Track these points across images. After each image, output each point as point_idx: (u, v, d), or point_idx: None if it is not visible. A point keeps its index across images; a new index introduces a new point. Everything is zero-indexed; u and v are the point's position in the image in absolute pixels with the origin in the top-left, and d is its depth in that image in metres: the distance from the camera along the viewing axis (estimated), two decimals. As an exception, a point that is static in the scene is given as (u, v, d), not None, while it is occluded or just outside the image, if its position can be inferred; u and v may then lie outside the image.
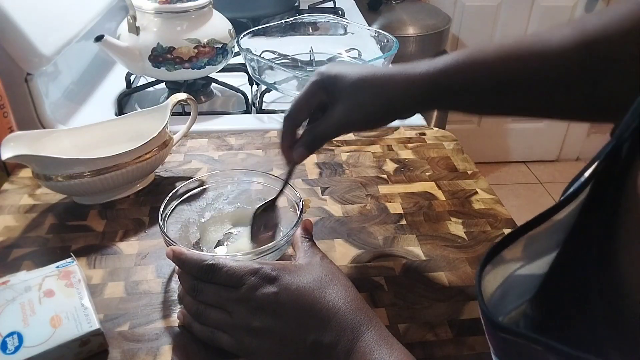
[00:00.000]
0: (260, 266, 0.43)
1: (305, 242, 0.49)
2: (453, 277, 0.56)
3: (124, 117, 0.72)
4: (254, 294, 0.42)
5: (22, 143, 0.59)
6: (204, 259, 0.45)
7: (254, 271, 0.43)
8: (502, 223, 0.64)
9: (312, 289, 0.43)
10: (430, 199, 0.68)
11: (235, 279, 0.43)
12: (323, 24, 1.10)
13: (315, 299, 0.42)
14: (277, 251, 0.52)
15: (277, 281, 0.43)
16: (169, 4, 0.85)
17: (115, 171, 0.62)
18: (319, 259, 0.46)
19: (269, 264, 0.44)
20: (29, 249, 0.58)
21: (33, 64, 0.77)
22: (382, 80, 0.48)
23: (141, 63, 0.86)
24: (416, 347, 0.48)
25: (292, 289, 0.42)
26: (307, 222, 0.51)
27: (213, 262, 0.44)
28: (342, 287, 0.44)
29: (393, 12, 1.76)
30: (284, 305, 0.42)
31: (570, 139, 2.46)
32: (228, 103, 0.98)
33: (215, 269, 0.44)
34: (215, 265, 0.44)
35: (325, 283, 0.43)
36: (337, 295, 0.42)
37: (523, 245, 0.31)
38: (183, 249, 0.46)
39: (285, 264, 0.45)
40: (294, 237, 0.50)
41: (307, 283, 0.43)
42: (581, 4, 2.03)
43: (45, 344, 0.43)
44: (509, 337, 0.26)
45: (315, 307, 0.42)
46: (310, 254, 0.47)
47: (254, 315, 0.42)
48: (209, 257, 0.45)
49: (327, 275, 0.44)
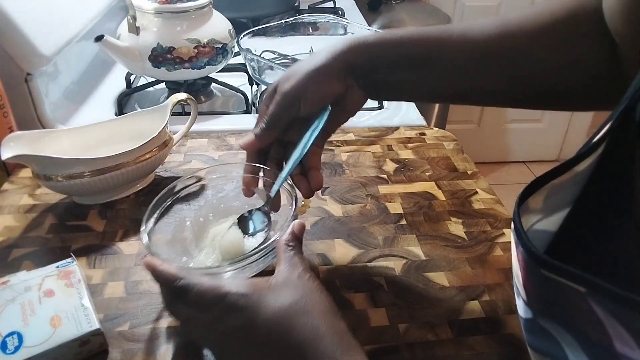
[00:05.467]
0: (228, 290, 0.38)
1: (288, 252, 0.42)
2: (453, 277, 0.56)
3: (124, 117, 0.72)
4: (221, 322, 0.38)
5: (22, 143, 0.59)
6: (175, 278, 0.40)
7: (222, 296, 0.38)
8: (502, 223, 0.64)
9: (283, 318, 0.37)
10: (430, 199, 0.68)
11: (204, 303, 0.39)
12: (323, 24, 1.10)
13: (287, 330, 0.37)
14: (260, 262, 0.47)
15: (244, 310, 0.38)
16: (169, 4, 0.86)
17: (115, 171, 0.62)
18: (297, 277, 0.40)
19: (240, 285, 0.39)
20: (29, 249, 0.58)
21: (33, 64, 0.77)
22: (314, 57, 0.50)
23: (141, 63, 0.86)
24: (416, 347, 0.48)
25: (261, 319, 0.37)
26: (297, 226, 0.45)
27: (182, 284, 0.40)
28: (318, 313, 0.38)
29: (393, 12, 1.75)
30: (252, 335, 0.38)
31: (571, 139, 2.46)
32: (228, 103, 0.98)
33: (184, 291, 0.40)
34: (185, 287, 0.40)
35: (299, 309, 0.38)
36: (313, 325, 0.37)
37: (545, 196, 0.30)
38: (155, 262, 0.42)
39: (258, 285, 0.39)
40: (278, 244, 0.44)
41: (278, 310, 0.37)
42: (581, 4, 2.03)
43: (45, 343, 0.43)
44: (552, 275, 0.25)
45: (288, 339, 0.37)
46: (289, 268, 0.41)
47: (222, 342, 0.39)
48: (180, 276, 0.40)
49: (303, 298, 0.38)
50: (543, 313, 0.28)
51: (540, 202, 0.31)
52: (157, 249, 0.48)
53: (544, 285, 0.26)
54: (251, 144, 0.51)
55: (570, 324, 0.26)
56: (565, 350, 0.27)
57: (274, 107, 0.49)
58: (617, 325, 0.23)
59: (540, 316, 0.28)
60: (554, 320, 0.27)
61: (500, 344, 0.48)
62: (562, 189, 0.31)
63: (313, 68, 0.48)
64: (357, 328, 0.50)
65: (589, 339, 0.25)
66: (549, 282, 0.25)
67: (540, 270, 0.26)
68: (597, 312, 0.23)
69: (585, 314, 0.24)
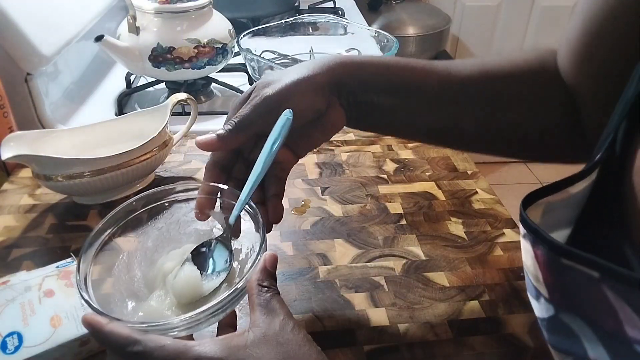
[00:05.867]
0: (198, 354, 0.32)
1: (262, 295, 0.36)
2: (453, 277, 0.56)
3: (124, 117, 0.72)
4: None
5: (22, 143, 0.59)
6: (128, 342, 0.33)
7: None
8: (502, 223, 0.64)
9: None
10: (430, 199, 0.68)
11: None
12: (323, 24, 1.10)
13: None
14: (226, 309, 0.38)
15: None
16: (169, 4, 0.86)
17: (115, 171, 0.62)
18: (278, 329, 0.34)
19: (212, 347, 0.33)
20: (29, 249, 0.58)
21: (33, 64, 0.77)
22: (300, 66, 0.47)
23: (141, 63, 0.86)
24: (416, 347, 0.48)
25: None
26: (269, 260, 0.38)
27: (138, 349, 0.33)
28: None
29: (393, 12, 1.75)
30: None
31: (570, 139, 2.46)
32: (228, 103, 0.98)
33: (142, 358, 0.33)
34: (142, 354, 0.33)
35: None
36: None
37: (542, 211, 0.31)
38: (99, 321, 0.34)
39: (232, 343, 0.33)
40: (249, 285, 0.37)
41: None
42: (581, 4, 2.03)
43: (45, 343, 0.43)
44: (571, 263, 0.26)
45: None
46: (267, 318, 0.35)
47: None
48: (134, 339, 0.33)
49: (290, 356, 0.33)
50: (564, 307, 0.29)
51: (539, 217, 0.31)
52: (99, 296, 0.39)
53: (564, 276, 0.27)
54: (211, 144, 0.43)
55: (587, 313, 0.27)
56: (585, 345, 0.28)
57: (250, 109, 0.43)
58: (626, 307, 0.24)
59: (561, 311, 0.29)
60: (574, 312, 0.28)
61: (500, 344, 0.48)
62: (557, 207, 0.32)
63: (300, 77, 0.44)
64: (357, 328, 0.50)
65: (603, 327, 0.27)
66: (569, 271, 0.27)
67: (561, 260, 0.27)
68: (609, 297, 0.25)
69: (599, 302, 0.26)
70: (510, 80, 0.47)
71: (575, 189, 0.31)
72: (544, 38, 2.07)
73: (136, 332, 0.34)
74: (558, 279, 0.29)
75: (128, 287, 0.43)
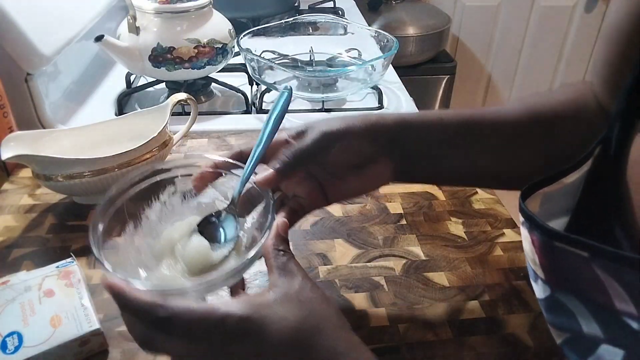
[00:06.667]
0: (225, 313, 0.33)
1: (280, 258, 0.37)
2: (453, 277, 0.56)
3: (124, 117, 0.72)
4: (223, 352, 0.34)
5: (22, 143, 0.59)
6: (154, 309, 0.33)
7: (218, 322, 0.33)
8: (502, 223, 0.64)
9: (296, 341, 0.34)
10: (430, 198, 0.68)
11: (198, 334, 0.33)
12: (323, 24, 1.10)
13: (302, 355, 0.34)
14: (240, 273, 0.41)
15: (249, 335, 0.33)
16: (169, 4, 0.86)
17: (115, 171, 0.62)
18: (298, 288, 0.36)
19: (237, 306, 0.34)
20: (29, 249, 0.58)
21: (33, 64, 0.77)
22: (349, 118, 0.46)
23: (141, 63, 0.86)
24: (416, 347, 0.48)
25: (270, 344, 0.33)
26: (281, 226, 0.40)
27: (165, 314, 0.33)
28: (332, 330, 0.35)
29: (393, 12, 1.75)
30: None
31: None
32: (228, 103, 0.98)
33: (171, 323, 0.33)
34: (171, 318, 0.33)
35: (311, 329, 0.34)
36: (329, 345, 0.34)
37: (540, 202, 0.34)
38: (122, 285, 0.34)
39: (256, 303, 0.35)
40: (265, 249, 0.38)
41: (288, 333, 0.34)
42: (581, 4, 2.03)
43: (45, 343, 0.43)
44: (563, 245, 0.29)
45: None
46: (287, 279, 0.36)
47: None
48: (160, 305, 0.33)
49: (312, 315, 0.35)
50: (559, 286, 0.32)
51: (537, 207, 0.34)
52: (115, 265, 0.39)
53: (558, 257, 0.30)
54: (271, 181, 0.42)
55: (580, 291, 0.30)
56: (580, 321, 0.31)
57: (308, 142, 0.43)
58: (614, 283, 0.27)
59: (557, 290, 0.32)
60: (568, 291, 0.31)
61: (500, 344, 0.48)
62: (554, 197, 0.35)
63: (358, 122, 0.44)
64: (357, 328, 0.49)
65: (595, 303, 0.29)
66: (561, 252, 0.29)
67: (554, 243, 0.30)
68: (599, 275, 0.27)
69: (590, 280, 0.28)
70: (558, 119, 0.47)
71: (570, 179, 0.34)
72: (544, 38, 2.07)
73: (158, 296, 0.34)
74: (552, 261, 0.31)
75: (136, 258, 0.44)
